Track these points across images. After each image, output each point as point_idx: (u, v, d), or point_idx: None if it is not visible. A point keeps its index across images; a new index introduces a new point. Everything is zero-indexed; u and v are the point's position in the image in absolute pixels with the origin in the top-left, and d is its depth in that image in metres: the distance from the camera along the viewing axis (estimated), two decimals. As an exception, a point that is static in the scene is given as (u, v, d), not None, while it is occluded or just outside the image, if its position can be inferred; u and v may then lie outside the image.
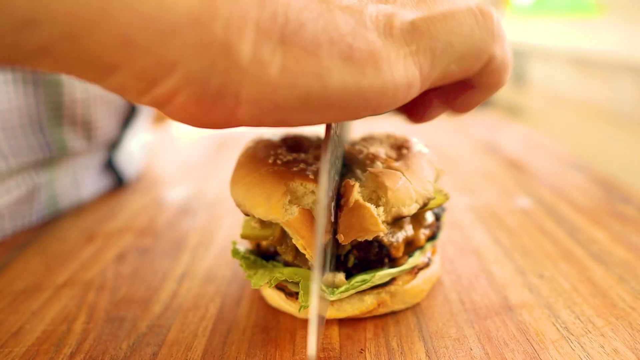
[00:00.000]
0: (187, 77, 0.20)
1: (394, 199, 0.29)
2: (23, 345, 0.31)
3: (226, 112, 0.21)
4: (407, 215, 0.30)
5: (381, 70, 0.22)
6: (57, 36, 0.17)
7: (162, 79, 0.20)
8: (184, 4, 0.19)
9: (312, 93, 0.21)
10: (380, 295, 0.31)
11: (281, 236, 0.32)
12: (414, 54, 0.23)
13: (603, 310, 0.32)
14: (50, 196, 0.50)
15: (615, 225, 0.44)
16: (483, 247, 0.41)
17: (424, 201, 0.31)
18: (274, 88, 0.21)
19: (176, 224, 0.49)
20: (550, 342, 0.29)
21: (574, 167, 0.60)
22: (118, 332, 0.32)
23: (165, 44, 0.19)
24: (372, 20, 0.23)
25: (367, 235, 0.29)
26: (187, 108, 0.21)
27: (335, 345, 0.29)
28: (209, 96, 0.20)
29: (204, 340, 0.31)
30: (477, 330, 0.30)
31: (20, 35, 0.17)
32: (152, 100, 0.20)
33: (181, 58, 0.19)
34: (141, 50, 0.19)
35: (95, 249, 0.44)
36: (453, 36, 0.24)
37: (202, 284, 0.37)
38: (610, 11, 1.11)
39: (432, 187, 0.32)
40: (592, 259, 0.38)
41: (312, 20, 0.21)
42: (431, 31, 0.24)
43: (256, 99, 0.21)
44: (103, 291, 0.37)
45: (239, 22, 0.20)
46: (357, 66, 0.22)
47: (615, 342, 0.28)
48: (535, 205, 0.49)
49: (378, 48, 0.22)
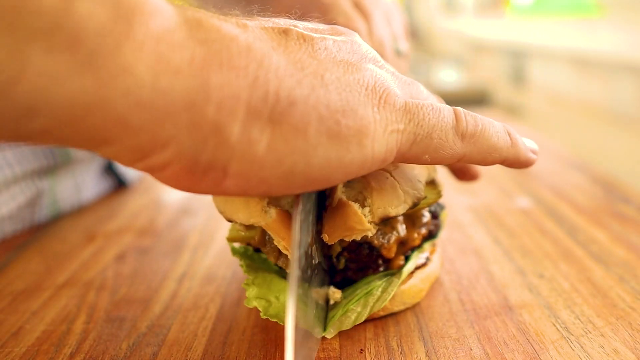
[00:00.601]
0: (179, 153, 0.20)
1: (380, 199, 0.29)
2: (23, 345, 0.31)
3: (214, 183, 0.22)
4: (394, 215, 0.30)
5: (364, 146, 0.23)
6: (56, 122, 0.18)
7: (155, 153, 0.20)
8: (179, 88, 0.19)
9: (296, 170, 0.22)
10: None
11: (263, 238, 0.32)
12: (399, 132, 0.24)
13: (603, 311, 0.32)
14: (52, 201, 0.51)
15: (615, 225, 0.44)
16: (483, 247, 0.41)
17: (414, 201, 0.30)
18: (260, 165, 0.21)
19: (176, 224, 0.49)
20: (550, 342, 0.29)
21: (574, 167, 0.60)
22: (118, 332, 0.32)
23: (160, 125, 0.19)
24: (368, 90, 0.24)
25: (353, 235, 0.29)
26: (178, 177, 0.22)
27: (335, 345, 0.29)
28: (199, 169, 0.21)
29: (204, 340, 0.31)
30: (477, 330, 0.30)
31: (21, 122, 0.18)
32: (144, 167, 0.21)
33: (174, 137, 0.20)
34: (136, 129, 0.19)
35: (95, 249, 0.44)
36: (434, 131, 0.25)
37: (202, 284, 0.37)
38: (610, 11, 1.11)
39: (422, 186, 0.31)
40: (592, 259, 0.38)
41: (303, 97, 0.22)
42: (419, 117, 0.25)
43: (243, 174, 0.22)
44: (103, 291, 0.37)
45: (231, 104, 0.20)
46: (342, 143, 0.22)
47: (615, 342, 0.28)
48: (535, 205, 0.49)
49: (366, 124, 0.23)
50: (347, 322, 0.29)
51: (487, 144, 0.27)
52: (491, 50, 1.77)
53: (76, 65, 0.17)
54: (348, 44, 0.26)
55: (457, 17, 2.22)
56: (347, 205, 0.28)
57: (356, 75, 0.24)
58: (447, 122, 0.26)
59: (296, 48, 0.23)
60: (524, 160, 0.29)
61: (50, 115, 0.18)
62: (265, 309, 0.29)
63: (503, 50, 1.64)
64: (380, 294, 0.30)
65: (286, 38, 0.23)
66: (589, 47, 1.12)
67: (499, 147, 0.28)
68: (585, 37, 1.14)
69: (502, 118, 0.88)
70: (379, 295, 0.30)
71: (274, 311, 0.29)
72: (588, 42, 1.12)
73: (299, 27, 0.25)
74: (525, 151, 0.29)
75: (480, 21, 1.93)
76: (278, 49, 0.22)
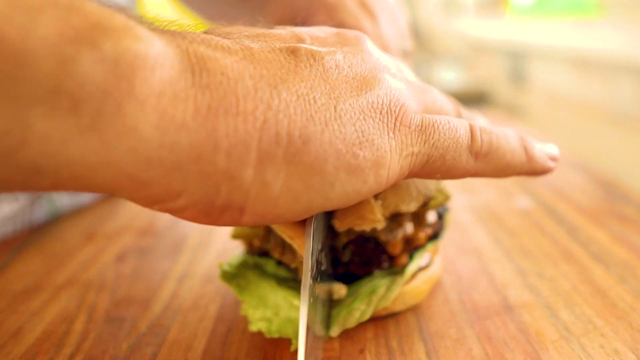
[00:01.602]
0: (192, 201, 0.20)
1: (393, 194, 0.29)
2: (23, 345, 0.31)
3: (232, 220, 0.22)
4: (405, 212, 0.30)
5: (381, 175, 0.23)
6: (62, 180, 0.18)
7: (169, 201, 0.20)
8: (185, 142, 0.19)
9: (313, 205, 0.22)
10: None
11: (266, 233, 0.32)
12: (414, 155, 0.24)
13: (603, 311, 0.32)
14: (51, 201, 0.51)
15: (615, 225, 0.44)
16: (483, 247, 0.41)
17: (424, 200, 0.31)
18: (276, 203, 0.21)
19: (176, 224, 0.49)
20: (550, 342, 0.29)
21: (574, 167, 0.60)
22: (118, 332, 0.32)
23: (170, 178, 0.19)
24: (383, 113, 0.23)
25: (364, 224, 0.29)
26: (196, 218, 0.22)
27: (335, 345, 0.29)
28: (215, 211, 0.21)
29: (203, 340, 0.31)
30: (477, 330, 0.30)
31: (29, 181, 0.18)
32: (160, 210, 0.21)
33: (186, 188, 0.20)
34: (146, 184, 0.19)
35: (95, 249, 0.44)
36: (448, 152, 0.25)
37: (202, 284, 0.37)
38: (610, 11, 1.11)
39: (433, 186, 0.32)
40: (592, 259, 0.38)
41: (317, 134, 0.21)
42: (434, 138, 0.24)
43: (259, 212, 0.22)
44: (103, 291, 0.37)
45: (241, 151, 0.20)
46: (360, 176, 0.22)
47: (616, 343, 0.29)
48: (535, 205, 0.49)
49: (383, 154, 0.23)
50: (351, 320, 0.29)
51: (502, 162, 0.27)
52: (491, 50, 1.78)
53: (79, 128, 0.17)
54: (359, 56, 0.25)
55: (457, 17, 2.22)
56: None
57: (370, 97, 0.23)
58: (462, 143, 0.25)
59: (307, 72, 0.23)
60: (540, 172, 0.29)
61: (57, 175, 0.18)
62: (268, 329, 0.29)
63: (503, 50, 1.64)
64: (385, 292, 0.30)
65: (295, 60, 0.23)
66: (589, 47, 1.12)
67: (513, 165, 0.27)
68: (585, 37, 1.14)
69: (502, 118, 0.88)
70: (383, 294, 0.30)
71: (276, 327, 0.29)
72: (588, 42, 1.12)
73: (307, 40, 0.25)
74: (542, 163, 0.29)
75: (480, 21, 1.93)
76: (287, 79, 0.22)
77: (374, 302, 0.30)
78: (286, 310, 0.30)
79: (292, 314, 0.29)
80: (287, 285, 0.31)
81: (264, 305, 0.30)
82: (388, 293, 0.30)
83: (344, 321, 0.29)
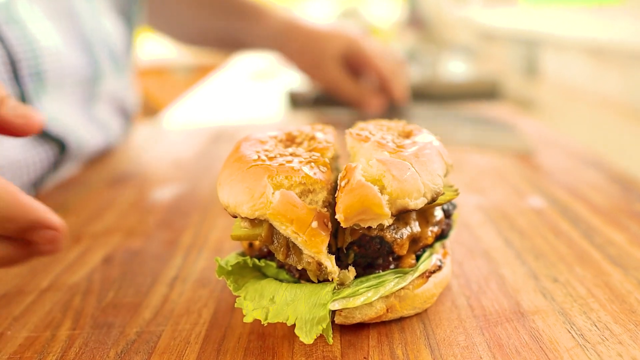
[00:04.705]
0: None
1: (400, 190, 0.29)
2: (4, 353, 0.31)
3: None
4: (412, 208, 0.30)
5: None
6: None
7: None
8: None
9: None
10: (389, 300, 0.31)
11: (270, 234, 0.32)
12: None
13: (621, 317, 0.32)
14: None
15: (634, 226, 0.44)
16: (493, 249, 0.41)
17: (433, 196, 0.31)
18: None
19: (167, 224, 0.49)
20: (565, 350, 0.29)
21: (590, 164, 0.60)
22: (105, 339, 0.32)
23: None
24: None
25: (370, 220, 0.29)
26: None
27: (337, 354, 0.29)
28: None
29: (196, 347, 0.31)
30: (487, 337, 0.30)
31: None
32: None
33: None
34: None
35: (81, 250, 0.44)
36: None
37: (195, 288, 0.37)
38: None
39: (441, 181, 0.32)
40: (609, 262, 0.38)
41: None
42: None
43: None
44: (89, 295, 0.37)
45: None
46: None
47: (634, 350, 0.28)
48: (548, 205, 0.49)
49: None
50: (354, 301, 0.30)
51: None
52: (502, 40, 1.77)
53: None
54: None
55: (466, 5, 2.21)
56: (366, 187, 0.28)
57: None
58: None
59: None
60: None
61: None
62: (265, 316, 0.30)
63: (515, 39, 1.63)
64: (393, 286, 0.31)
65: None
66: (606, 37, 1.11)
67: None
68: (602, 25, 1.13)
69: (513, 112, 0.88)
70: (391, 288, 0.31)
71: (273, 313, 0.30)
72: (605, 31, 1.12)
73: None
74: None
75: (491, 9, 1.93)
76: None
77: (381, 291, 0.30)
78: (282, 294, 0.30)
79: (289, 296, 0.30)
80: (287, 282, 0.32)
81: (259, 295, 0.31)
82: (396, 286, 0.31)
83: (346, 301, 0.30)
